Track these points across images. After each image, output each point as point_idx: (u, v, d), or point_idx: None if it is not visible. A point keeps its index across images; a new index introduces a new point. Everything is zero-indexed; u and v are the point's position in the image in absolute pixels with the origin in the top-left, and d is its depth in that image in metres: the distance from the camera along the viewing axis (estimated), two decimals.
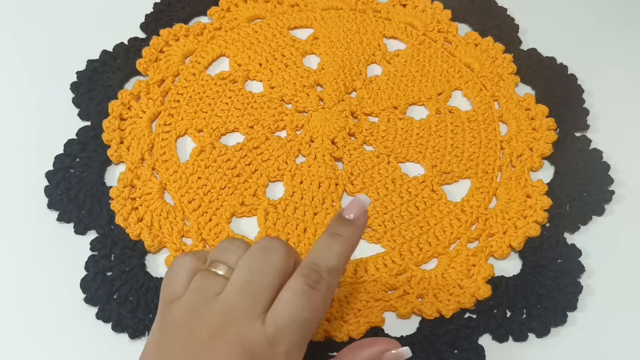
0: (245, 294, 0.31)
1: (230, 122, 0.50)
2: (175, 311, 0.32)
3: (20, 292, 0.42)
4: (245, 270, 0.32)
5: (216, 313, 0.31)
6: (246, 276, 0.32)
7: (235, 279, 0.32)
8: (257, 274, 0.32)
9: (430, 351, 0.39)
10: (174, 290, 0.33)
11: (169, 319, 0.32)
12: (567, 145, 0.50)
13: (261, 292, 0.32)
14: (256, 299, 0.31)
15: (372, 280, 0.42)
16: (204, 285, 0.32)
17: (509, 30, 0.58)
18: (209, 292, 0.32)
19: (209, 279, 0.33)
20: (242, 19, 0.58)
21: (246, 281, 0.32)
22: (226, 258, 0.33)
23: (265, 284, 0.32)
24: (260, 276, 0.32)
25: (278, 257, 0.33)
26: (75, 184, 0.46)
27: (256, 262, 0.32)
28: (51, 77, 0.53)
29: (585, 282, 0.43)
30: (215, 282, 0.32)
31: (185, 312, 0.32)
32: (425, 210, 0.46)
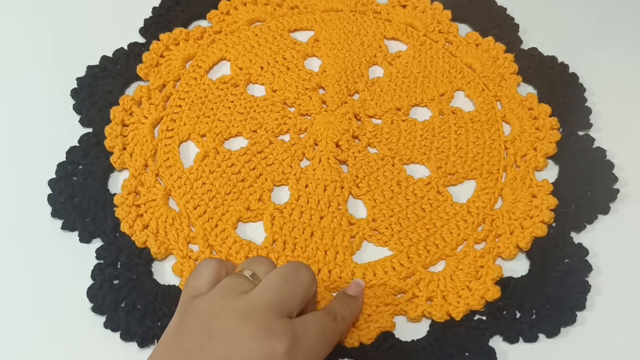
0: (276, 294, 0.34)
1: (233, 126, 0.50)
2: (200, 303, 0.34)
3: (27, 303, 0.41)
4: (278, 276, 0.35)
5: (243, 303, 0.33)
6: (279, 280, 0.35)
7: (267, 281, 0.35)
8: (288, 280, 0.35)
9: (441, 354, 0.39)
10: (199, 287, 0.35)
11: (191, 310, 0.34)
12: (570, 145, 0.50)
13: (290, 296, 0.35)
14: (285, 299, 0.34)
15: (381, 284, 0.42)
16: (232, 284, 0.35)
17: (509, 29, 0.58)
18: (237, 289, 0.34)
19: (237, 279, 0.35)
20: (242, 22, 0.57)
21: (277, 283, 0.35)
22: (255, 268, 0.36)
23: (294, 291, 0.35)
24: (291, 283, 0.35)
25: (307, 275, 0.36)
26: (79, 191, 0.46)
27: (289, 273, 0.36)
28: (51, 83, 0.53)
29: (593, 281, 0.43)
30: (244, 283, 0.35)
31: (210, 302, 0.34)
32: (431, 212, 0.46)
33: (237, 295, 0.34)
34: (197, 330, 0.33)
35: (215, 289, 0.35)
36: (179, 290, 0.41)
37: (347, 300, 0.39)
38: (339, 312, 0.38)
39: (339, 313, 0.38)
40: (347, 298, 0.40)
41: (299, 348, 0.33)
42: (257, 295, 0.34)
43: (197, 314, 0.33)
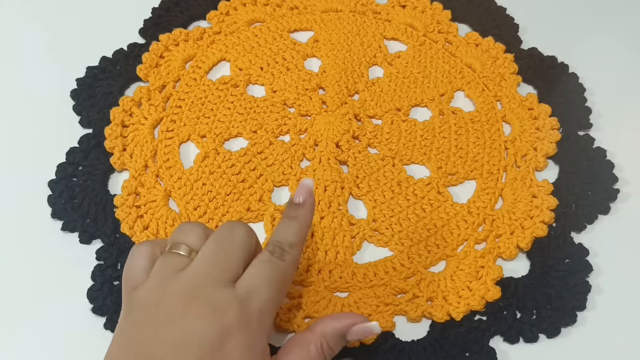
0: (213, 263, 0.33)
1: (233, 127, 0.50)
2: (140, 293, 0.33)
3: (27, 304, 0.41)
4: (211, 244, 0.34)
5: (183, 284, 0.32)
6: (212, 248, 0.34)
7: (202, 252, 0.34)
8: (223, 245, 0.34)
9: (441, 355, 0.39)
10: (136, 277, 0.34)
11: (134, 302, 0.33)
12: (570, 145, 0.50)
13: (228, 262, 0.33)
14: (224, 267, 0.33)
15: (381, 285, 0.42)
16: (167, 265, 0.33)
17: (509, 29, 0.58)
18: (173, 269, 0.33)
19: (171, 258, 0.34)
20: (241, 23, 0.57)
21: (213, 252, 0.33)
22: (186, 239, 0.34)
23: (231, 254, 0.34)
24: (226, 247, 0.34)
25: (242, 232, 0.35)
26: (79, 192, 0.46)
27: (222, 237, 0.34)
28: (50, 84, 0.53)
29: (593, 281, 0.43)
30: (178, 261, 0.33)
31: (150, 290, 0.32)
32: (432, 212, 0.46)
33: (175, 275, 0.32)
34: (143, 322, 0.32)
35: (151, 274, 0.33)
36: None
37: (292, 213, 0.37)
38: (285, 239, 0.36)
39: (285, 241, 0.35)
40: (292, 211, 0.37)
41: (251, 312, 0.32)
42: (194, 271, 0.33)
43: (140, 305, 0.32)
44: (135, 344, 0.31)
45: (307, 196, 0.37)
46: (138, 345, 0.31)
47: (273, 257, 0.35)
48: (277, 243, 0.35)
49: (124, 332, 0.33)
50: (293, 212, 0.37)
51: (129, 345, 0.32)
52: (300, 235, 0.37)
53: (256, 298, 0.33)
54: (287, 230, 0.36)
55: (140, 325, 0.32)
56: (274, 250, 0.35)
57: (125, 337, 0.32)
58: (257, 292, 0.33)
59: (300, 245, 0.37)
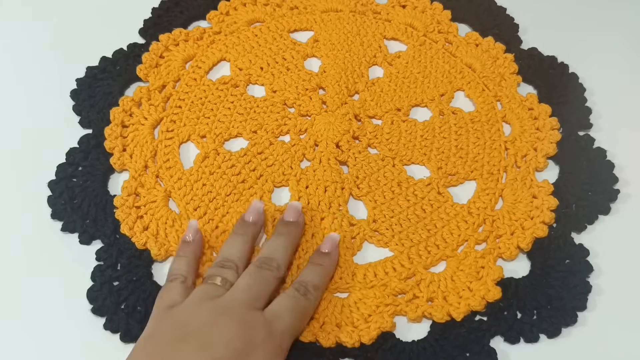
0: (246, 293, 0.38)
1: (233, 127, 0.50)
2: (176, 311, 0.37)
3: (27, 304, 0.41)
4: (247, 277, 0.39)
5: (218, 304, 0.37)
6: (248, 281, 0.38)
7: (238, 284, 0.38)
8: (257, 280, 0.39)
9: (441, 355, 0.39)
10: (173, 299, 0.38)
11: (167, 318, 0.36)
12: (571, 145, 0.50)
13: (261, 294, 0.38)
14: (256, 296, 0.38)
15: (381, 285, 0.42)
16: (205, 291, 0.38)
17: (509, 29, 0.58)
18: (211, 295, 0.38)
19: (210, 286, 0.38)
20: (241, 23, 0.57)
21: (248, 285, 0.38)
22: (225, 275, 0.39)
23: (264, 287, 0.39)
24: (259, 282, 0.39)
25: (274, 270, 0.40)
26: (79, 193, 0.46)
27: (257, 274, 0.39)
28: (50, 84, 0.53)
29: (594, 281, 0.43)
30: (216, 289, 0.38)
31: (187, 308, 0.37)
32: (432, 212, 0.46)
33: (211, 299, 0.37)
34: (174, 329, 0.35)
35: (190, 297, 0.37)
36: None
37: (318, 261, 0.41)
38: (310, 281, 0.40)
39: (310, 282, 0.40)
40: (318, 259, 0.41)
41: (274, 333, 0.36)
42: (229, 296, 0.37)
43: (174, 318, 0.36)
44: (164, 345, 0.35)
45: (333, 248, 0.42)
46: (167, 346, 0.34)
47: (298, 294, 0.39)
48: (303, 283, 0.40)
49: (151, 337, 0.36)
50: (320, 260, 0.42)
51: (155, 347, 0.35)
52: (324, 280, 0.41)
53: (281, 321, 0.37)
54: (312, 274, 0.41)
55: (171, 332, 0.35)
56: (299, 288, 0.39)
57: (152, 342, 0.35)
58: (282, 317, 0.37)
59: (322, 290, 0.41)
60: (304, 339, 0.40)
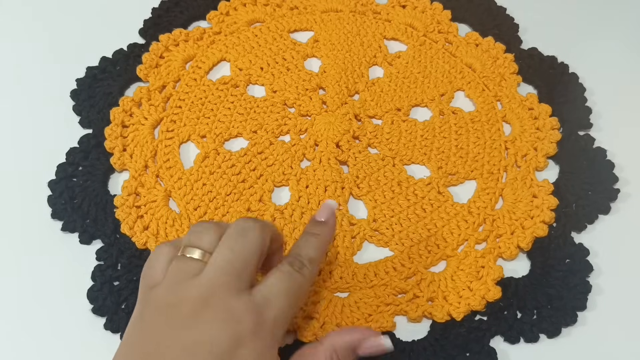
0: (228, 271, 0.33)
1: (233, 127, 0.50)
2: (156, 292, 0.33)
3: (27, 304, 0.41)
4: (226, 250, 0.34)
5: (198, 290, 0.32)
6: (228, 256, 0.33)
7: (216, 259, 0.33)
8: (237, 252, 0.34)
9: (442, 355, 0.39)
10: (154, 276, 0.34)
11: (150, 303, 0.33)
12: (571, 144, 0.50)
13: (244, 269, 0.33)
14: (240, 274, 0.33)
15: (381, 285, 0.42)
16: (181, 269, 0.33)
17: (509, 29, 0.58)
18: (187, 274, 0.33)
19: (185, 262, 0.34)
20: (241, 23, 0.57)
21: (227, 261, 0.33)
22: (200, 243, 0.34)
23: (246, 261, 0.34)
24: (241, 255, 0.34)
25: (256, 235, 0.35)
26: (79, 193, 0.46)
27: (236, 243, 0.34)
28: (50, 84, 0.53)
29: (594, 281, 0.43)
30: (193, 265, 0.33)
31: (165, 292, 0.33)
32: (432, 212, 0.46)
33: (190, 279, 0.33)
34: (157, 323, 0.32)
35: (166, 277, 0.33)
36: None
37: (314, 230, 0.38)
38: (305, 253, 0.36)
39: (305, 255, 0.36)
40: (314, 228, 0.38)
41: (265, 320, 0.32)
42: (208, 277, 0.33)
43: (156, 305, 0.33)
44: (147, 344, 0.32)
45: (329, 215, 0.39)
46: (150, 346, 0.31)
47: (292, 269, 0.35)
48: (298, 256, 0.36)
49: (136, 330, 0.33)
50: (315, 229, 0.38)
51: (140, 345, 0.32)
52: (319, 251, 0.37)
53: (272, 307, 0.33)
54: (307, 245, 0.37)
55: (154, 326, 0.32)
56: (293, 263, 0.35)
57: (137, 336, 0.33)
58: (273, 302, 0.33)
59: (318, 262, 0.37)
60: (305, 338, 0.40)
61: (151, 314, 0.33)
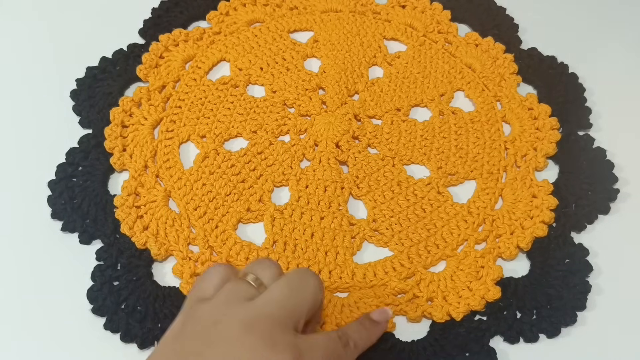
0: (282, 306, 0.33)
1: (233, 127, 0.50)
2: (204, 307, 0.33)
3: (27, 304, 0.41)
4: (284, 285, 0.34)
5: (247, 313, 0.33)
6: (285, 290, 0.34)
7: (272, 291, 0.34)
8: (295, 290, 0.34)
9: (441, 355, 0.39)
10: (205, 291, 0.35)
11: (195, 314, 0.33)
12: (570, 145, 0.50)
13: (295, 309, 0.34)
14: (291, 313, 0.33)
15: (381, 285, 0.42)
16: (236, 289, 0.34)
17: (508, 30, 0.58)
18: (241, 295, 0.34)
19: (241, 284, 0.35)
20: (241, 23, 0.57)
21: (284, 295, 0.34)
22: (260, 274, 0.35)
23: (300, 304, 0.34)
24: (298, 294, 0.34)
25: (315, 285, 0.36)
26: (79, 193, 0.46)
27: (295, 281, 0.35)
28: (50, 84, 0.53)
29: (593, 281, 0.43)
30: (248, 289, 0.34)
31: (213, 308, 0.33)
32: (432, 212, 0.46)
33: (241, 302, 0.33)
34: (197, 335, 0.32)
35: (219, 294, 0.34)
36: (179, 292, 0.41)
37: (367, 324, 0.39)
38: (353, 336, 0.37)
39: (353, 338, 0.37)
40: (368, 322, 0.39)
41: None
42: (260, 304, 0.33)
43: (200, 318, 0.33)
44: (184, 354, 0.32)
45: (383, 320, 0.39)
46: (186, 356, 0.31)
47: (339, 341, 0.36)
48: (347, 336, 0.37)
49: (175, 339, 0.33)
50: (370, 325, 0.39)
51: (177, 353, 0.32)
52: (365, 343, 0.38)
53: (313, 355, 0.33)
54: (359, 333, 0.38)
55: (193, 339, 0.32)
56: (342, 337, 0.36)
57: (175, 345, 0.33)
58: (315, 354, 0.33)
59: (360, 351, 0.38)
60: None
61: (193, 327, 0.33)
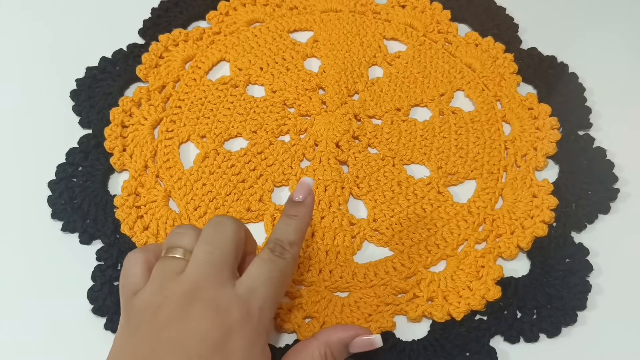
0: (210, 264, 0.33)
1: (233, 127, 0.50)
2: (141, 298, 0.33)
3: (27, 304, 0.41)
4: (203, 243, 0.34)
5: (183, 286, 0.32)
6: (207, 248, 0.34)
7: (196, 254, 0.34)
8: (216, 244, 0.34)
9: (442, 354, 0.39)
10: (134, 283, 0.34)
11: (135, 307, 0.33)
12: (570, 144, 0.50)
13: (224, 260, 0.34)
14: (221, 266, 0.33)
15: (381, 285, 0.42)
16: (165, 269, 0.34)
17: (508, 29, 0.58)
18: (172, 272, 0.33)
19: (168, 262, 0.34)
20: (241, 23, 0.57)
21: (208, 253, 0.34)
22: (181, 242, 0.35)
23: (225, 252, 0.34)
24: (219, 246, 0.34)
25: (231, 227, 0.35)
26: (79, 193, 0.46)
27: (213, 236, 0.35)
28: (50, 85, 0.53)
29: (593, 281, 0.43)
30: (176, 264, 0.34)
31: (151, 294, 0.33)
32: (432, 212, 0.46)
33: (174, 278, 0.33)
34: (145, 324, 0.32)
35: (151, 280, 0.34)
36: None
37: (292, 212, 0.37)
38: (285, 237, 0.36)
39: (286, 239, 0.36)
40: (292, 209, 0.38)
41: (252, 310, 0.33)
42: (192, 272, 0.33)
43: (141, 309, 0.32)
44: (138, 345, 0.31)
45: (306, 194, 0.38)
46: (141, 347, 0.31)
47: (273, 256, 0.35)
48: (278, 241, 0.36)
49: (124, 336, 0.33)
50: (293, 210, 0.38)
51: (131, 347, 0.32)
52: (300, 233, 0.37)
53: (257, 296, 0.33)
54: (287, 228, 0.37)
55: (142, 328, 0.32)
56: (274, 249, 0.35)
57: (126, 340, 0.32)
58: (258, 291, 0.33)
59: (299, 243, 0.37)
60: (304, 338, 0.40)
61: (138, 317, 0.32)
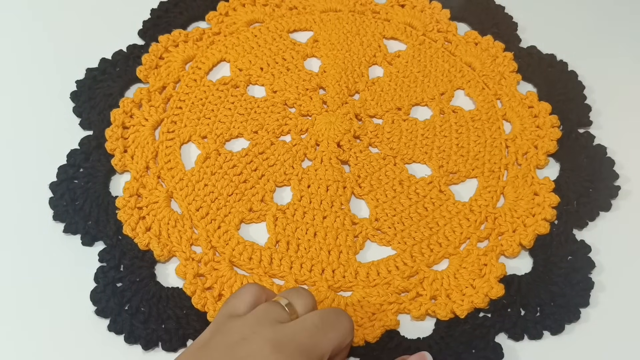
0: (311, 335, 0.33)
1: (234, 127, 0.50)
2: (235, 323, 0.34)
3: (30, 306, 0.41)
4: (318, 317, 0.34)
5: (278, 334, 0.33)
6: (317, 322, 0.34)
7: (305, 319, 0.34)
8: (327, 325, 0.34)
9: (447, 352, 0.39)
10: (237, 308, 0.35)
11: (224, 328, 0.33)
12: (571, 142, 0.50)
13: (324, 342, 0.34)
14: (319, 344, 0.33)
15: (384, 284, 0.42)
16: (268, 310, 0.34)
17: (508, 28, 0.58)
18: (273, 317, 0.34)
19: (274, 307, 0.35)
20: (241, 23, 0.57)
21: (315, 325, 0.34)
22: (293, 300, 0.36)
23: (330, 337, 0.34)
24: (329, 328, 0.34)
25: (348, 322, 0.36)
26: (81, 194, 0.45)
27: (329, 316, 0.35)
28: (50, 86, 0.52)
29: (596, 278, 0.43)
30: (280, 312, 0.34)
31: (243, 324, 0.33)
32: (434, 211, 0.46)
33: (272, 323, 0.33)
34: (224, 348, 0.32)
35: (252, 312, 0.34)
36: (182, 293, 0.41)
37: None
38: None
39: None
40: None
41: None
42: (291, 329, 0.33)
43: (229, 333, 0.33)
44: None
45: None
46: None
47: None
48: None
49: (201, 349, 0.33)
50: None
51: None
52: None
53: None
54: None
55: (219, 351, 0.32)
56: None
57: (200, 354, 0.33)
58: None
59: None
60: None
61: (221, 340, 0.33)
